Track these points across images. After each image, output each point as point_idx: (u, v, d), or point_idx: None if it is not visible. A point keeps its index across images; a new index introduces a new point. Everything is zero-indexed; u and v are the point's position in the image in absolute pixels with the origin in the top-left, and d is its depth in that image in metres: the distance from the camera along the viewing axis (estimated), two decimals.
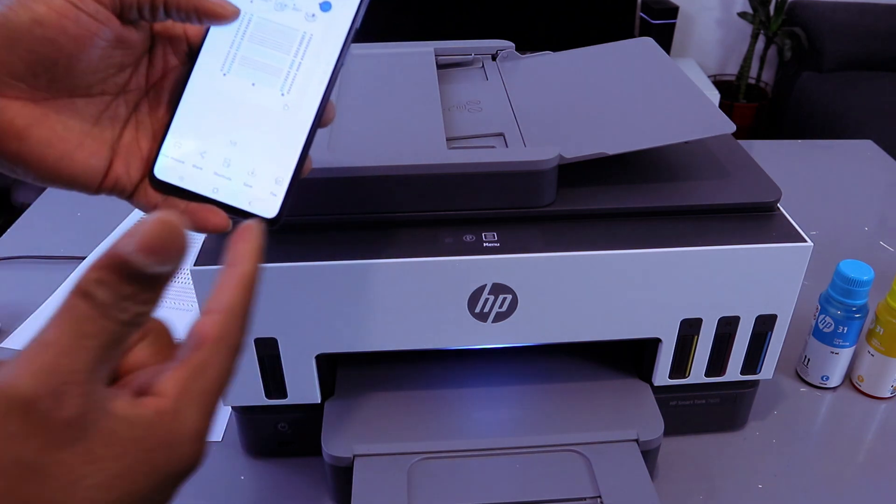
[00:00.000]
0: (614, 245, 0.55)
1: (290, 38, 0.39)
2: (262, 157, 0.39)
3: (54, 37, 0.34)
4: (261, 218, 0.38)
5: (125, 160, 0.38)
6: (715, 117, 0.60)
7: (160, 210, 0.34)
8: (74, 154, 0.36)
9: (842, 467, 0.67)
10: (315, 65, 0.39)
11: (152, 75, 0.39)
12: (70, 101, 0.36)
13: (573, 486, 0.56)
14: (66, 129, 0.36)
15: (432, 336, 0.57)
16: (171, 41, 0.39)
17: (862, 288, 0.67)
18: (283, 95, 0.39)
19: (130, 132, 0.39)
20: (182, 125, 0.39)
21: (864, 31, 2.45)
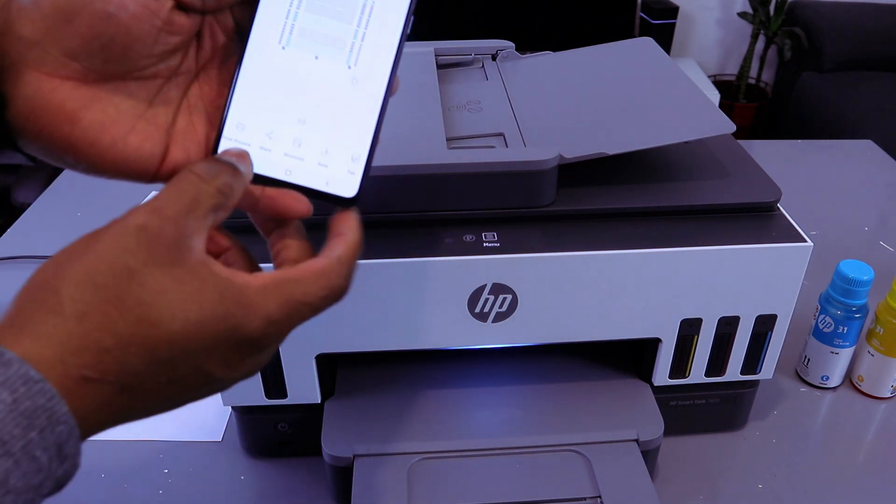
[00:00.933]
0: (614, 245, 0.55)
1: (351, 6, 0.36)
2: (335, 134, 0.36)
3: (115, 12, 0.32)
4: (339, 198, 0.37)
5: (183, 145, 0.36)
6: (715, 117, 0.60)
7: None
8: (128, 138, 0.34)
9: (842, 467, 0.67)
10: (380, 34, 0.36)
11: (201, 56, 0.37)
12: (122, 83, 0.34)
13: (573, 486, 0.56)
14: (118, 112, 0.34)
15: (432, 336, 0.57)
16: (217, 17, 0.37)
17: (862, 288, 0.67)
18: (350, 68, 0.36)
19: (184, 116, 0.36)
20: (243, 105, 0.36)
21: (864, 31, 2.45)
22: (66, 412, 0.28)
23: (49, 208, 1.02)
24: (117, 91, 0.34)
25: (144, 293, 0.29)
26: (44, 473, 0.28)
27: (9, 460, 0.26)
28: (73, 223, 0.98)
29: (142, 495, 0.63)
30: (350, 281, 0.35)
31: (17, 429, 0.26)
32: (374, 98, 0.37)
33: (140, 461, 0.66)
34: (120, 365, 0.29)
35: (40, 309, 0.29)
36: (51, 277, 0.30)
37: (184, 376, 0.31)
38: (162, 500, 0.62)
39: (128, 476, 0.64)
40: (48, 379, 0.28)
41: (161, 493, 0.63)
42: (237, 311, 0.31)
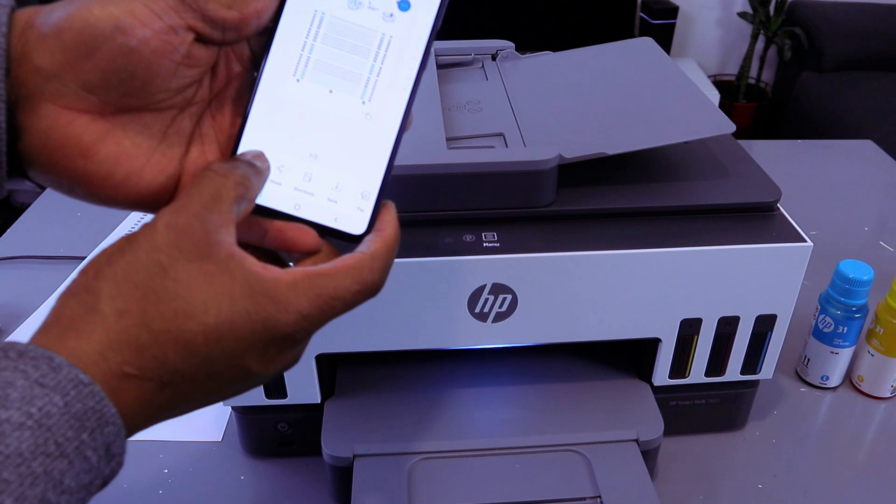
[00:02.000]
0: (614, 245, 0.55)
1: (368, 41, 0.35)
2: (346, 169, 0.36)
3: (136, 47, 0.31)
4: (348, 234, 0.36)
5: (194, 177, 0.35)
6: (715, 117, 0.60)
7: (239, 228, 0.35)
8: (142, 172, 0.34)
9: (842, 467, 0.67)
10: (397, 70, 0.35)
11: (215, 86, 0.36)
12: (138, 115, 0.34)
13: (573, 486, 0.56)
14: (133, 146, 0.34)
15: (432, 336, 0.57)
16: (234, 47, 0.36)
17: (862, 288, 0.67)
18: (365, 104, 0.36)
19: (196, 147, 0.36)
20: (255, 136, 0.35)
21: (864, 31, 2.45)
22: (114, 413, 0.29)
23: (49, 208, 1.02)
24: (133, 123, 0.34)
25: (178, 287, 0.30)
26: (94, 473, 0.29)
27: (63, 461, 0.27)
28: (73, 223, 0.98)
29: (142, 495, 0.63)
30: (384, 277, 0.35)
31: (70, 431, 0.27)
32: (387, 134, 0.36)
33: (140, 461, 0.66)
34: (159, 361, 0.30)
35: (81, 309, 0.30)
36: (91, 280, 0.30)
37: (222, 371, 0.31)
38: (162, 500, 0.62)
39: (128, 476, 0.64)
40: (93, 377, 0.29)
41: (161, 493, 0.63)
42: (269, 307, 0.31)
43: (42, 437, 0.26)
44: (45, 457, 0.26)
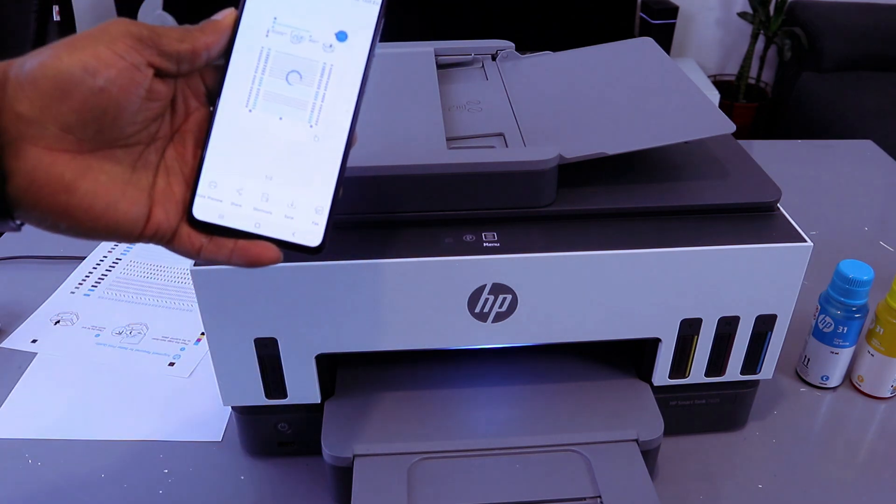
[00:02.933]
0: (614, 245, 0.55)
1: (311, 70, 0.39)
2: (300, 188, 0.39)
3: (104, 86, 0.35)
4: (305, 247, 0.39)
5: (163, 206, 0.39)
6: (715, 117, 0.60)
7: (206, 252, 0.39)
8: (119, 204, 0.37)
9: (842, 467, 0.67)
10: (339, 94, 0.39)
11: (175, 121, 0.40)
12: (111, 151, 0.37)
13: (573, 486, 0.56)
14: (109, 180, 0.37)
15: (432, 336, 0.57)
16: (189, 83, 0.40)
17: (862, 288, 0.67)
18: (312, 127, 0.39)
19: (163, 178, 0.39)
20: (215, 164, 0.39)
21: (864, 31, 2.45)
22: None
23: None
24: (107, 159, 0.37)
25: None
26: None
27: None
28: None
29: (142, 495, 0.63)
30: None
31: None
32: (334, 153, 0.39)
33: (140, 461, 0.66)
34: None
35: None
36: None
37: None
38: (162, 500, 0.62)
39: (128, 476, 0.64)
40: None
41: (161, 493, 0.63)
42: None
43: None
44: None
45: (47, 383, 0.74)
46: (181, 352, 0.78)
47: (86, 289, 0.87)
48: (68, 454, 0.66)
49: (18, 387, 0.73)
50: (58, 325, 0.81)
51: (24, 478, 0.64)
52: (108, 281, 0.88)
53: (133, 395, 0.73)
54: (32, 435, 0.68)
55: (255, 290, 0.54)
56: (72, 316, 0.83)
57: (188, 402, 0.72)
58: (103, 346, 0.78)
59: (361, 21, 0.39)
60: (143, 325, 0.81)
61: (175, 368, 0.76)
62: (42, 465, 0.65)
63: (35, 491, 0.63)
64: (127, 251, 0.93)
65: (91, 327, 0.81)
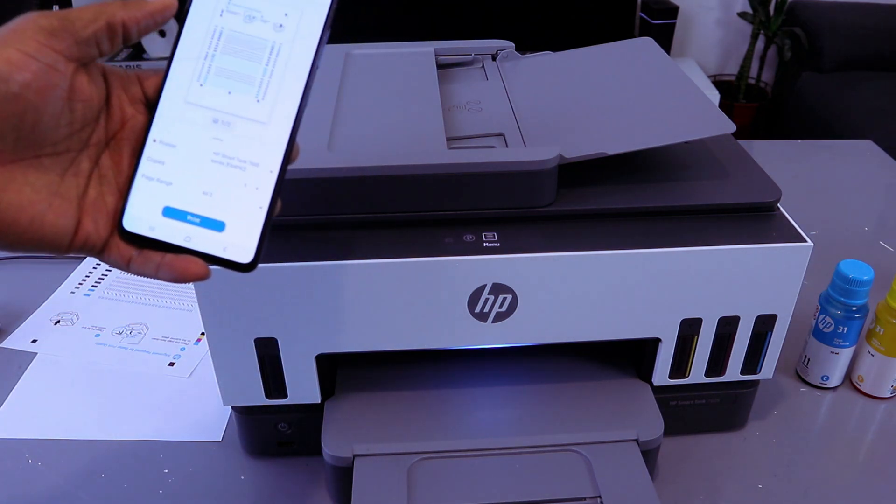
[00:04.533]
0: (614, 245, 0.55)
1: (260, 48, 0.39)
2: (233, 201, 0.38)
3: (19, 92, 0.33)
4: (236, 263, 0.38)
5: (93, 217, 0.37)
6: (715, 117, 0.60)
7: (135, 264, 0.38)
8: (45, 216, 0.35)
9: (842, 467, 0.67)
10: (286, 71, 0.39)
11: (111, 128, 0.38)
12: (36, 160, 0.35)
13: (573, 486, 0.56)
14: (34, 192, 0.35)
15: (432, 336, 0.57)
16: (126, 90, 0.39)
17: (862, 288, 0.67)
18: (259, 102, 0.39)
19: (95, 187, 0.38)
20: (149, 173, 0.38)
21: (864, 31, 2.45)
22: None
23: None
24: (32, 169, 0.35)
25: None
26: None
27: None
28: None
29: (142, 495, 0.63)
30: None
31: None
32: (272, 166, 0.38)
33: (140, 461, 0.66)
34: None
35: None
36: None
37: None
38: (162, 500, 0.62)
39: (128, 476, 0.64)
40: None
41: (161, 493, 0.63)
42: None
43: None
44: None
45: (47, 383, 0.74)
46: (181, 352, 0.78)
47: (86, 289, 0.87)
48: (68, 454, 0.66)
49: (18, 387, 0.73)
50: (58, 325, 0.81)
51: (24, 478, 0.64)
52: (108, 281, 0.88)
53: (133, 395, 0.73)
54: (32, 435, 0.68)
55: (255, 290, 0.54)
56: (72, 316, 0.83)
57: (188, 402, 0.72)
58: (103, 346, 0.78)
59: (314, 5, 0.39)
60: (143, 325, 0.81)
61: (175, 368, 0.76)
62: (42, 465, 0.65)
63: (35, 491, 0.63)
64: None
65: (91, 327, 0.81)
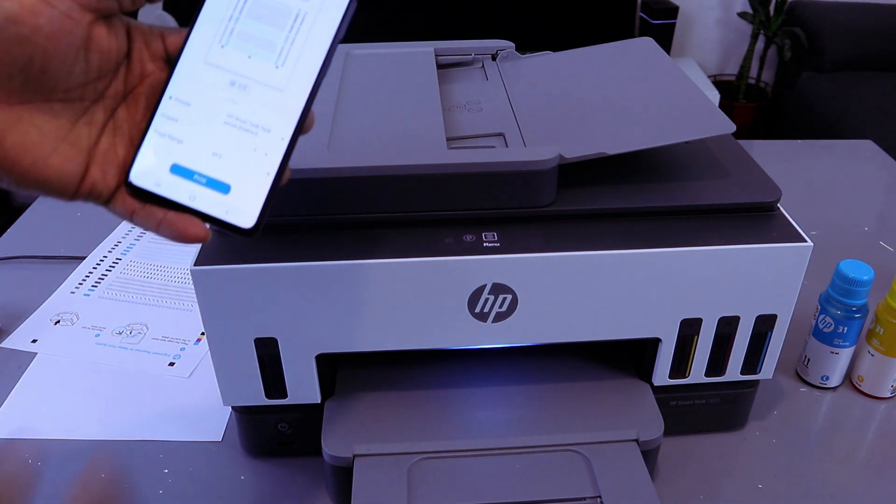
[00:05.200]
0: (614, 245, 0.55)
1: (285, 15, 0.38)
2: (241, 165, 0.38)
3: (29, 35, 0.33)
4: (237, 227, 0.38)
5: (101, 166, 0.37)
6: (715, 117, 0.60)
7: (138, 217, 0.38)
8: (49, 159, 0.36)
9: (842, 467, 0.67)
10: (308, 40, 0.38)
11: (130, 82, 0.39)
12: (46, 104, 0.36)
13: (573, 486, 0.56)
14: (41, 134, 0.35)
15: (432, 336, 0.57)
16: (148, 46, 0.39)
17: (862, 288, 0.67)
18: (277, 68, 0.38)
19: (108, 138, 0.38)
20: (159, 131, 0.38)
21: (864, 31, 2.45)
22: None
23: (49, 208, 1.02)
24: (41, 112, 0.35)
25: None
26: None
27: None
28: (72, 223, 0.98)
29: (142, 495, 0.63)
30: None
31: None
32: (283, 131, 0.38)
33: (140, 461, 0.66)
34: None
35: None
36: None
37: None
38: (162, 500, 0.62)
39: (128, 476, 0.64)
40: None
41: (161, 493, 0.63)
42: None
43: None
44: None
45: (47, 383, 0.74)
46: (181, 352, 0.78)
47: (86, 289, 0.87)
48: (68, 454, 0.66)
49: (18, 387, 0.73)
50: (58, 325, 0.81)
51: (25, 478, 0.64)
52: (108, 281, 0.88)
53: (133, 395, 0.73)
54: (32, 435, 0.68)
55: (255, 290, 0.54)
56: (72, 316, 0.83)
57: (188, 402, 0.72)
58: (103, 346, 0.78)
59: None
60: (143, 325, 0.81)
61: (175, 368, 0.76)
62: (42, 465, 0.65)
63: (35, 491, 0.63)
64: (127, 251, 0.93)
65: (91, 327, 0.81)
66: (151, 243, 0.95)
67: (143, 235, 0.96)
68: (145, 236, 0.96)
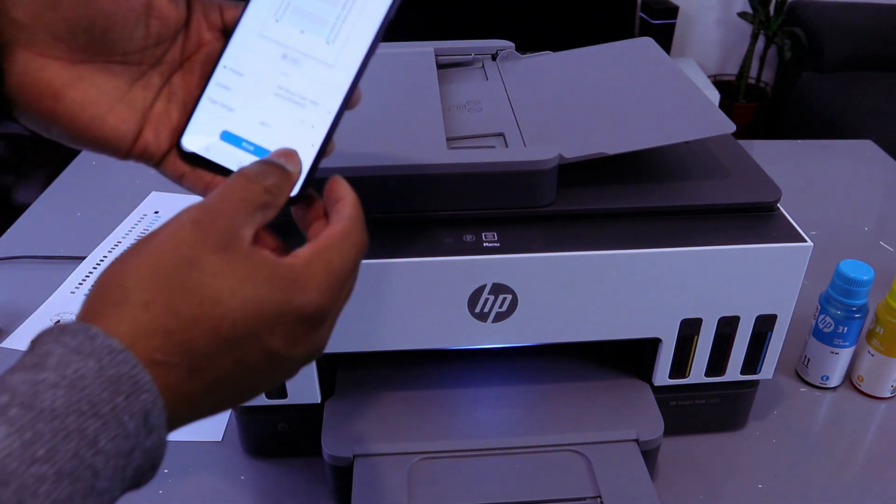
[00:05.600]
0: (614, 245, 0.55)
1: (325, 25, 0.39)
2: (288, 135, 0.39)
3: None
4: None
5: (155, 128, 0.39)
6: (715, 117, 0.60)
7: (186, 180, 0.39)
8: (106, 117, 0.37)
9: (842, 467, 0.67)
10: (359, 19, 0.39)
11: (187, 49, 0.40)
12: (106, 65, 0.37)
13: (573, 486, 0.56)
14: (99, 93, 0.37)
15: (432, 336, 0.57)
16: (207, 16, 0.40)
17: (862, 288, 0.67)
18: (328, 44, 0.39)
19: (162, 102, 0.39)
20: (212, 99, 0.39)
21: (864, 31, 2.45)
22: (149, 380, 0.29)
23: (49, 208, 1.02)
24: (101, 72, 0.37)
25: (203, 276, 0.31)
26: (132, 440, 0.29)
27: (98, 421, 0.28)
28: (73, 223, 0.98)
29: (142, 495, 0.62)
30: (366, 232, 0.37)
31: (105, 393, 0.28)
32: (331, 103, 0.39)
33: None
34: (186, 346, 0.31)
35: (108, 302, 0.31)
36: (115, 274, 0.32)
37: (248, 354, 0.32)
38: (162, 500, 0.62)
39: None
40: None
41: (161, 493, 0.63)
42: (290, 287, 0.33)
43: (75, 396, 0.27)
44: (78, 414, 0.27)
45: None
46: None
47: (86, 289, 0.87)
48: None
49: None
50: None
51: None
52: None
53: None
54: None
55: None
56: (72, 316, 0.83)
57: None
58: None
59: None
60: None
61: None
62: None
63: None
64: None
65: None
66: None
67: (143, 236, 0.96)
68: None
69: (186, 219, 0.33)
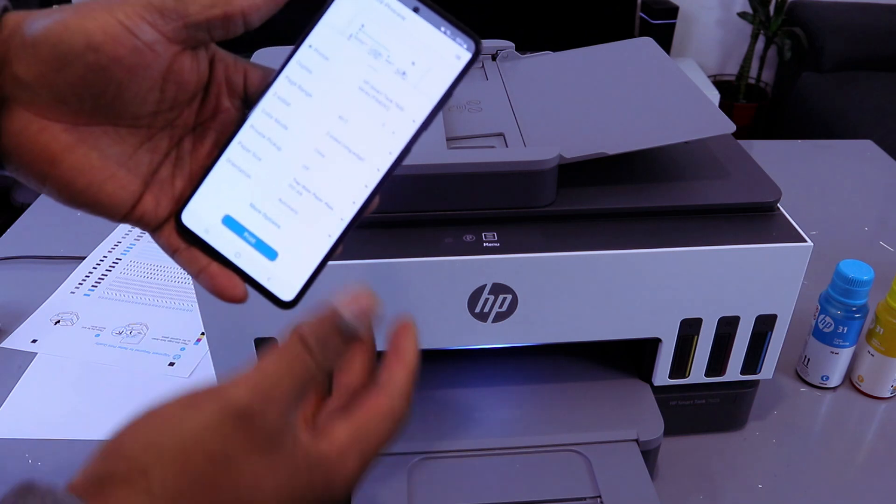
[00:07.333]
0: (614, 245, 0.55)
1: (374, 91, 0.35)
2: (294, 236, 0.36)
3: (107, 65, 0.32)
4: (275, 297, 0.36)
5: (156, 195, 0.36)
6: (715, 117, 0.60)
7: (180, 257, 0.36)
8: (104, 184, 0.34)
9: (842, 467, 0.67)
10: (387, 128, 0.36)
11: (203, 114, 0.37)
12: (113, 128, 0.34)
13: (573, 486, 0.56)
14: (100, 158, 0.34)
15: (432, 336, 0.57)
16: (229, 79, 0.36)
17: (862, 288, 0.67)
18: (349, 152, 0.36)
19: (168, 167, 0.36)
20: (220, 177, 0.36)
21: (864, 31, 2.45)
22: None
23: (49, 208, 1.02)
24: (106, 136, 0.34)
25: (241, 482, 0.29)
26: None
27: None
28: (73, 223, 0.98)
29: None
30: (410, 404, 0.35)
31: None
32: (344, 213, 0.36)
33: None
34: None
35: (128, 487, 0.28)
36: (139, 452, 0.29)
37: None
38: None
39: None
40: None
41: None
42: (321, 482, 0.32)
43: None
44: None
45: (47, 383, 0.74)
46: (181, 352, 0.78)
47: (86, 289, 0.87)
48: (68, 454, 0.66)
49: (18, 387, 0.73)
50: (58, 325, 0.81)
51: None
52: (108, 281, 0.88)
53: (133, 395, 0.72)
54: (32, 435, 0.68)
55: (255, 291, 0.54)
56: (72, 316, 0.83)
57: None
58: (103, 346, 0.78)
59: (445, 65, 0.36)
60: (143, 325, 0.81)
61: (175, 368, 0.76)
62: (42, 465, 0.65)
63: None
64: (127, 251, 0.93)
65: (91, 327, 0.81)
66: (151, 243, 0.95)
67: (142, 235, 0.96)
68: (145, 236, 0.96)
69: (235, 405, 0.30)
